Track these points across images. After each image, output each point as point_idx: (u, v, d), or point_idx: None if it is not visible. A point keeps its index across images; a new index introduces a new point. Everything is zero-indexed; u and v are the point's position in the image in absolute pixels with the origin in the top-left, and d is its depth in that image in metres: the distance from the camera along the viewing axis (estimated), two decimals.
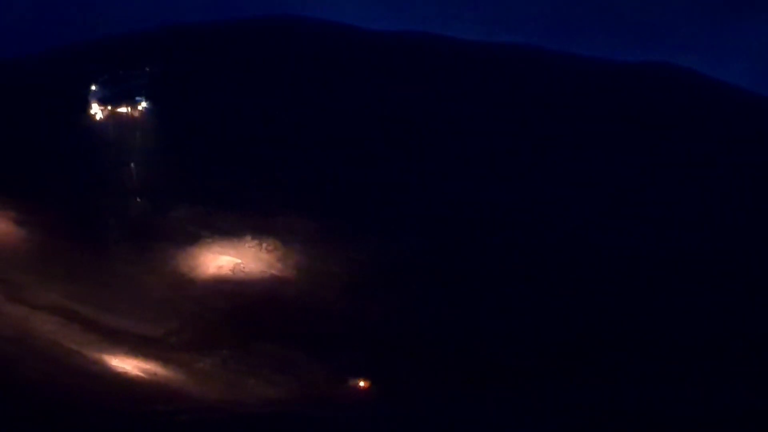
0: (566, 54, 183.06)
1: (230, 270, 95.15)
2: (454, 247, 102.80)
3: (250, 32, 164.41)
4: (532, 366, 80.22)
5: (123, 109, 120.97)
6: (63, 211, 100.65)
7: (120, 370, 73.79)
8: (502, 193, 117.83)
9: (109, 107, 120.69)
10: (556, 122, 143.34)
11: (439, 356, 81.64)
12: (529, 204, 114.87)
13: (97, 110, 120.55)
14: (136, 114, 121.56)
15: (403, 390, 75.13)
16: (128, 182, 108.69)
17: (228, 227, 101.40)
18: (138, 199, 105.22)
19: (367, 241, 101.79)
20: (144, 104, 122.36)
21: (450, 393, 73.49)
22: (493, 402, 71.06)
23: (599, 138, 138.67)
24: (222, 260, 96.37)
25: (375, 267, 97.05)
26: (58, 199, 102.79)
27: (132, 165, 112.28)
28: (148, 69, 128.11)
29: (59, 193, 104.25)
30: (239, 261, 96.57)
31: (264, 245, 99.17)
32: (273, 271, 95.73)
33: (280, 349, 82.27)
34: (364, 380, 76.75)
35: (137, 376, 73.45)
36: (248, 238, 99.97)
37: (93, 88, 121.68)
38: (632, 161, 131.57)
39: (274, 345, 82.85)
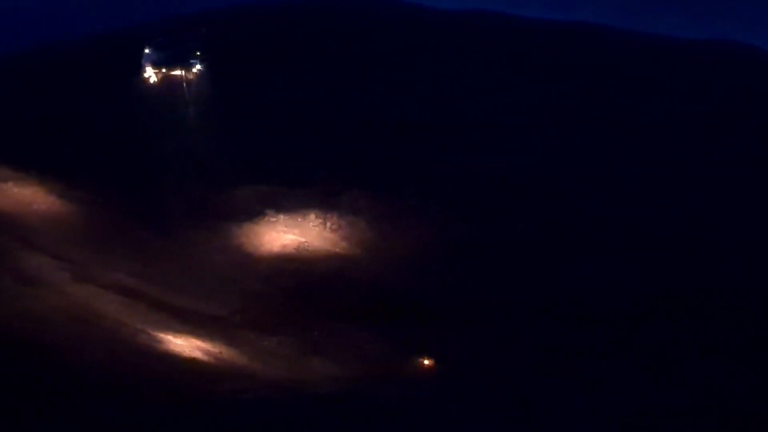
0: (632, 31, 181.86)
1: (295, 248, 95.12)
2: (520, 224, 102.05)
3: (317, 11, 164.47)
4: (599, 343, 79.24)
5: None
6: (127, 190, 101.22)
7: (185, 348, 73.71)
8: (569, 171, 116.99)
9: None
10: (622, 101, 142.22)
11: (504, 334, 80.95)
12: (593, 180, 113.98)
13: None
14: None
15: (467, 368, 74.47)
16: (193, 161, 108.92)
17: (293, 206, 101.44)
18: (202, 178, 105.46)
19: (433, 218, 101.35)
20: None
21: (515, 371, 72.74)
22: (557, 380, 70.15)
23: (664, 117, 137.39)
24: (286, 238, 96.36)
25: (440, 245, 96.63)
26: (122, 178, 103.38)
27: (197, 144, 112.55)
28: (213, 45, 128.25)
29: (124, 172, 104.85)
30: (304, 239, 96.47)
31: (329, 224, 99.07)
32: (337, 250, 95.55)
33: (344, 327, 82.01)
34: (429, 358, 76.19)
35: (202, 355, 73.35)
36: (313, 216, 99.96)
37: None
38: (698, 140, 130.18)
39: (338, 323, 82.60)
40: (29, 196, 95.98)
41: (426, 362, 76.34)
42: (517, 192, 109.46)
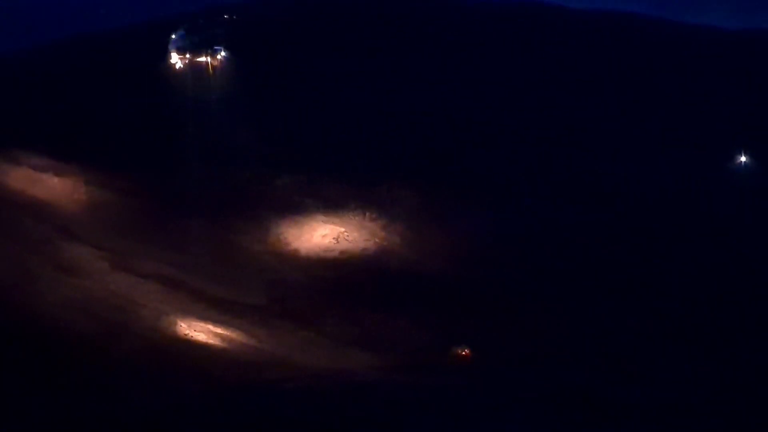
0: (671, 21, 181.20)
1: (334, 238, 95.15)
2: (557, 216, 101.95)
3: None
4: (638, 336, 79.00)
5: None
6: (167, 180, 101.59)
7: (225, 338, 73.78)
8: (607, 164, 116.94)
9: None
10: (664, 90, 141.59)
11: (541, 325, 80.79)
12: (636, 173, 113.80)
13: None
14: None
15: (505, 359, 74.33)
16: (232, 151, 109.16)
17: (332, 196, 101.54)
18: (242, 168, 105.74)
19: (470, 210, 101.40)
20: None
21: (553, 362, 72.59)
22: (597, 372, 70.04)
23: (702, 106, 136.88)
24: (326, 229, 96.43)
25: (477, 236, 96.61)
26: (162, 169, 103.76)
27: (236, 134, 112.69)
28: (252, 34, 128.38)
29: (165, 162, 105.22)
30: (343, 230, 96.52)
31: (368, 214, 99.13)
32: (376, 240, 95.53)
33: (383, 317, 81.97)
34: (467, 348, 75.97)
35: (242, 345, 73.38)
36: (352, 207, 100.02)
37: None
38: (742, 130, 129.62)
39: (377, 313, 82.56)
40: (70, 186, 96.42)
41: (464, 352, 76.10)
42: (553, 181, 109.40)
